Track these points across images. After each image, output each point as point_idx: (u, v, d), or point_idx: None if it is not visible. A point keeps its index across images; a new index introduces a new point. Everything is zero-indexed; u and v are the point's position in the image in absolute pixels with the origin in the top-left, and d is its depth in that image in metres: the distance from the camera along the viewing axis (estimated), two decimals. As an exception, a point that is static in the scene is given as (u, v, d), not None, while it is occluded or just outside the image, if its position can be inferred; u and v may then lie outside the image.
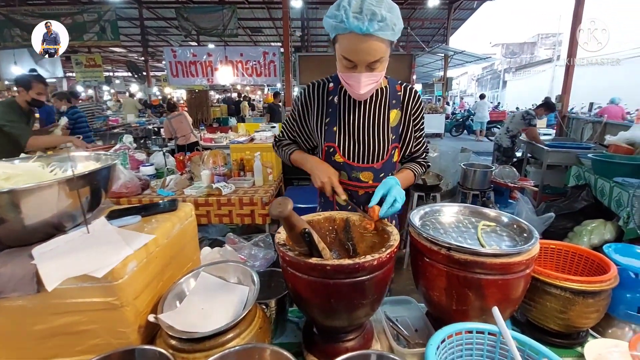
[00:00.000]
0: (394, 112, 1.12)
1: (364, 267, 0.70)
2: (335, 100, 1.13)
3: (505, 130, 4.77)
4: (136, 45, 13.89)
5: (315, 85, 1.17)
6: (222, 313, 0.73)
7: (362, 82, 0.94)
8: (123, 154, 2.82)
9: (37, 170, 0.78)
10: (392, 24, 0.87)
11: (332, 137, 1.12)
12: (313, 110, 1.17)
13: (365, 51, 0.89)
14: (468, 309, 0.79)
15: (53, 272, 0.64)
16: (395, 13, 0.88)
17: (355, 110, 1.12)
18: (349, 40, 0.89)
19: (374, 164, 1.13)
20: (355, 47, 0.89)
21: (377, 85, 1.00)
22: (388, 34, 0.87)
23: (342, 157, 1.12)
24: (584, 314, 0.82)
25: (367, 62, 0.91)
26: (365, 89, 0.96)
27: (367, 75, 0.94)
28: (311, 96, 1.17)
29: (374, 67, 0.94)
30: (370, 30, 0.84)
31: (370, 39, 0.87)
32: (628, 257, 0.94)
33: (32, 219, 0.68)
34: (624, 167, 2.92)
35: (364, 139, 1.11)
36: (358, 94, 0.98)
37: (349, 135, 1.12)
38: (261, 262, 1.25)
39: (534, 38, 27.27)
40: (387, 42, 0.90)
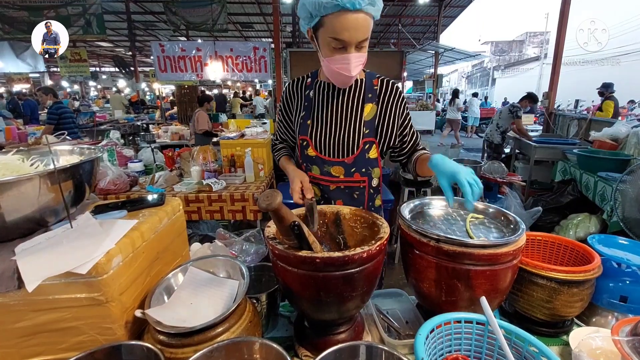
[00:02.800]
0: (369, 105, 1.09)
1: (354, 259, 0.70)
2: (310, 95, 1.13)
3: (496, 126, 4.84)
4: (123, 40, 13.59)
5: (295, 81, 1.18)
6: (211, 307, 0.72)
7: (352, 62, 0.93)
8: (110, 150, 2.76)
9: (16, 164, 0.76)
10: (379, 0, 0.87)
11: (306, 131, 1.12)
12: (293, 105, 1.18)
13: (356, 28, 0.88)
14: (457, 300, 0.80)
15: (33, 271, 0.62)
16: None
17: (329, 103, 1.11)
18: (339, 19, 0.87)
19: (344, 158, 1.10)
20: (346, 25, 0.87)
21: (362, 64, 0.98)
22: (374, 9, 0.88)
23: (314, 150, 1.12)
24: (568, 303, 0.84)
25: (357, 40, 0.90)
26: (356, 70, 0.95)
27: (357, 55, 0.93)
28: (291, 92, 1.18)
29: (361, 46, 0.93)
30: (363, 5, 0.84)
31: (360, 15, 0.87)
32: (611, 248, 0.97)
33: (12, 213, 0.66)
34: (608, 162, 2.99)
35: (335, 132, 1.09)
36: (349, 75, 0.95)
37: (321, 129, 1.10)
38: (252, 257, 1.25)
39: (523, 36, 27.61)
40: (372, 20, 0.90)
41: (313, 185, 1.16)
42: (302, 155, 1.15)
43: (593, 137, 3.69)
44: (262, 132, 3.28)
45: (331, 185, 1.13)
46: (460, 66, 27.00)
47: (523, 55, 26.01)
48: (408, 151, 1.17)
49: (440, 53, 10.50)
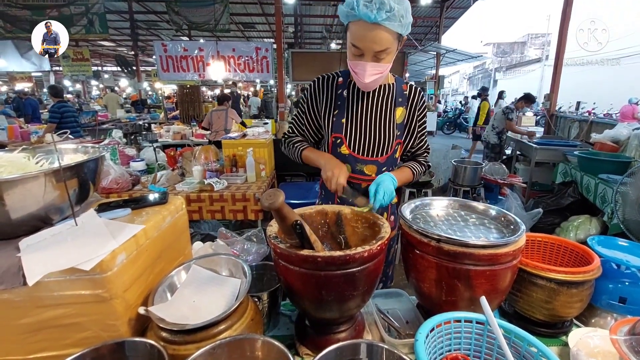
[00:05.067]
0: (400, 109, 1.15)
1: (355, 258, 0.71)
2: (344, 94, 1.16)
3: (491, 127, 4.92)
4: (126, 39, 13.63)
5: (324, 78, 1.20)
6: (214, 305, 0.73)
7: (367, 70, 0.97)
8: (113, 149, 2.78)
9: (22, 162, 0.77)
10: (400, 16, 0.90)
11: (340, 129, 1.15)
12: (321, 101, 1.19)
13: (372, 39, 0.92)
14: (457, 300, 0.80)
15: (36, 265, 0.63)
16: (404, 6, 0.91)
17: (363, 104, 1.15)
18: (358, 28, 0.93)
19: (378, 157, 1.15)
20: (363, 35, 0.93)
21: (382, 77, 1.02)
22: (395, 25, 0.90)
23: (347, 148, 1.15)
24: (568, 303, 0.84)
25: (373, 50, 0.94)
26: (370, 79, 0.99)
27: (373, 65, 0.97)
28: (320, 88, 1.19)
29: (380, 58, 0.97)
30: (378, 19, 0.88)
31: (377, 28, 0.90)
32: (610, 249, 0.97)
33: (18, 211, 0.67)
34: (609, 165, 2.99)
35: (370, 132, 1.14)
36: (363, 82, 1.01)
37: (356, 128, 1.14)
38: (254, 257, 1.25)
39: (524, 38, 27.61)
40: (394, 34, 0.93)
41: None
42: (334, 153, 1.17)
43: (594, 139, 3.69)
44: (264, 132, 3.29)
45: (362, 183, 1.16)
46: (462, 67, 26.99)
47: (524, 57, 26.00)
48: (410, 156, 1.26)
49: (442, 54, 10.51)
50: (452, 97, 26.62)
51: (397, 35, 0.96)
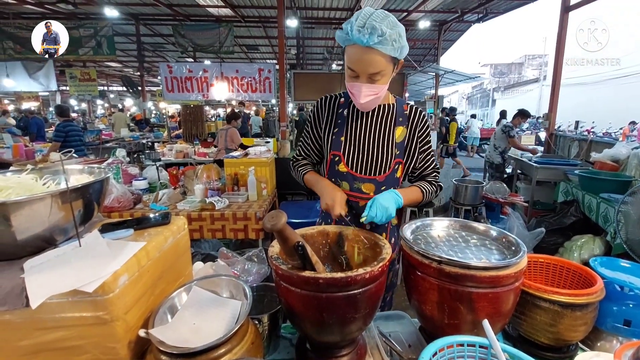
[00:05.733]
0: (400, 128, 1.17)
1: (356, 280, 0.71)
2: (344, 113, 1.19)
3: (493, 147, 4.91)
4: (132, 61, 13.99)
5: (327, 98, 1.25)
6: (214, 328, 0.72)
7: (362, 91, 1.02)
8: (116, 168, 2.81)
9: (29, 183, 0.78)
10: (392, 40, 0.94)
11: (338, 146, 1.18)
12: (323, 121, 1.24)
13: (366, 62, 0.97)
14: (460, 323, 0.79)
15: (39, 288, 0.63)
16: (396, 30, 0.95)
17: (363, 123, 1.18)
18: (353, 51, 0.98)
19: (376, 176, 1.16)
20: (357, 58, 0.98)
21: (379, 98, 1.07)
22: (388, 48, 0.94)
23: (345, 166, 1.17)
24: (572, 327, 0.83)
25: (367, 72, 0.99)
26: (366, 99, 1.03)
27: (368, 86, 1.01)
28: (323, 107, 1.24)
29: (374, 79, 1.01)
30: (370, 43, 0.92)
31: (371, 52, 0.95)
32: (614, 271, 0.97)
33: (24, 232, 0.68)
34: (610, 184, 3.00)
35: (368, 150, 1.16)
36: (359, 102, 1.05)
37: (355, 146, 1.17)
38: (254, 277, 1.24)
39: (522, 59, 28.22)
40: (387, 57, 0.97)
41: None
42: (332, 171, 1.20)
43: (594, 158, 3.71)
44: (266, 152, 3.33)
45: (360, 201, 1.17)
46: (461, 87, 27.47)
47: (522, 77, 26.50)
48: (417, 176, 1.26)
49: (441, 75, 10.72)
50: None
51: (391, 59, 0.99)
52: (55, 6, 7.94)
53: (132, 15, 9.14)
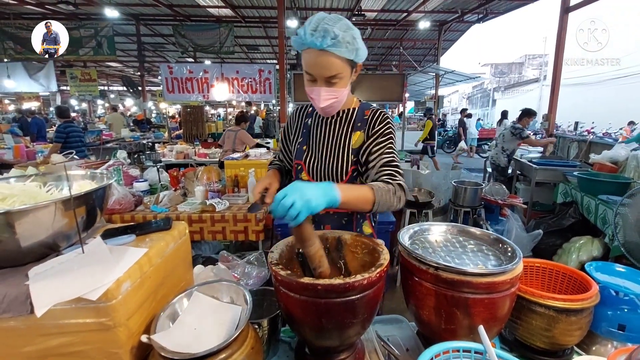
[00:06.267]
0: (357, 133, 1.13)
1: (354, 286, 0.72)
2: (309, 122, 1.22)
3: (501, 149, 4.76)
4: (132, 61, 14.01)
5: (298, 108, 1.29)
6: (215, 333, 0.74)
7: (321, 95, 1.02)
8: (117, 169, 2.82)
9: (33, 191, 0.79)
10: (346, 42, 0.94)
11: (301, 155, 1.20)
12: (293, 130, 1.28)
13: (321, 65, 0.97)
14: (457, 328, 0.81)
15: (44, 296, 0.64)
16: (350, 33, 0.96)
17: (324, 130, 1.18)
18: (308, 55, 0.98)
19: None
20: (313, 62, 0.98)
21: (339, 102, 1.06)
22: (342, 50, 0.95)
23: (307, 175, 1.18)
24: (567, 331, 0.84)
25: (324, 76, 0.99)
26: (325, 103, 1.03)
27: (327, 90, 1.01)
28: (294, 118, 1.28)
29: (332, 82, 1.01)
30: (324, 46, 0.93)
31: (325, 55, 0.95)
32: (609, 275, 0.98)
33: (28, 239, 0.69)
34: (608, 185, 3.01)
35: (326, 159, 1.15)
36: (319, 107, 1.05)
37: (314, 154, 1.17)
38: (254, 280, 1.26)
39: (522, 58, 28.22)
40: (343, 59, 0.97)
41: None
42: (297, 180, 1.19)
43: (593, 159, 3.72)
44: (266, 153, 3.34)
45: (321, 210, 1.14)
46: (461, 87, 27.47)
47: (522, 77, 26.49)
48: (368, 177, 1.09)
49: (441, 75, 10.74)
50: (452, 115, 26.96)
51: (348, 61, 0.99)
52: (56, 7, 7.95)
53: (133, 16, 9.16)
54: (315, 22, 0.94)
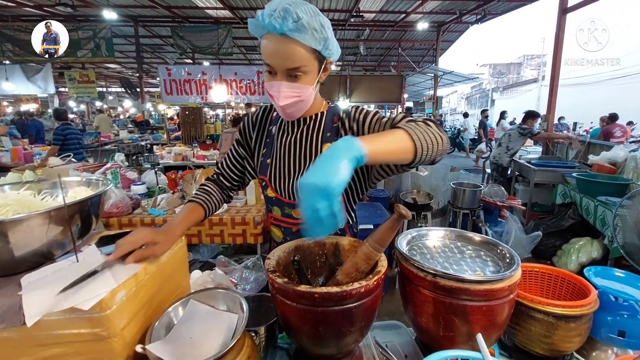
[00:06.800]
0: (327, 145, 0.98)
1: (352, 294, 0.71)
2: (273, 130, 1.07)
3: (505, 149, 4.73)
4: (131, 62, 13.99)
5: (261, 110, 1.12)
6: (211, 342, 0.73)
7: (281, 92, 0.87)
8: (114, 172, 2.81)
9: (27, 199, 0.79)
10: (312, 28, 0.81)
11: (265, 170, 1.06)
12: (253, 138, 1.10)
13: (282, 54, 0.83)
14: (455, 335, 0.80)
15: (35, 305, 0.63)
16: (317, 19, 0.83)
17: (288, 142, 1.03)
18: (267, 42, 0.84)
19: None
20: (272, 49, 0.84)
21: (302, 101, 0.91)
22: (307, 37, 0.81)
23: (273, 191, 1.05)
24: (566, 337, 0.84)
25: (285, 67, 0.85)
26: (286, 101, 0.88)
27: (288, 85, 0.87)
28: (254, 122, 1.10)
29: (294, 76, 0.87)
30: (284, 29, 0.79)
31: (287, 41, 0.81)
32: (608, 280, 0.97)
33: (22, 249, 0.69)
34: (607, 187, 3.01)
35: (294, 174, 1.01)
36: (279, 105, 0.90)
37: (281, 169, 1.03)
38: (252, 286, 1.25)
39: (520, 59, 28.29)
40: (308, 49, 0.84)
41: (275, 227, 1.10)
42: (263, 195, 1.10)
43: (591, 160, 3.73)
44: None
45: (293, 227, 1.05)
46: (460, 88, 27.52)
47: (521, 77, 26.57)
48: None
49: (439, 76, 10.75)
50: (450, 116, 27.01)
51: (314, 52, 0.85)
52: (54, 8, 7.94)
53: (131, 17, 9.15)
54: (275, 2, 0.81)
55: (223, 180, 1.15)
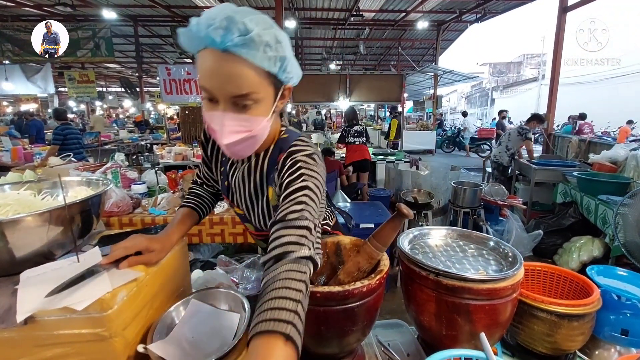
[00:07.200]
0: (271, 190, 0.85)
1: (354, 294, 0.71)
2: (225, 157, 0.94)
3: (505, 148, 4.74)
4: (130, 62, 13.99)
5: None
6: (212, 341, 0.73)
7: (225, 126, 0.67)
8: (115, 172, 2.80)
9: (27, 199, 0.78)
10: (264, 44, 0.62)
11: (225, 191, 0.95)
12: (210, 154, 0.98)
13: (224, 76, 0.63)
14: (458, 334, 0.80)
15: (28, 301, 0.63)
16: (272, 33, 0.64)
17: (237, 176, 0.89)
18: (204, 60, 0.64)
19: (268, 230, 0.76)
20: (210, 69, 0.63)
21: (253, 139, 0.71)
22: (257, 55, 0.62)
23: (239, 209, 0.96)
24: (569, 336, 0.83)
25: (228, 94, 0.65)
26: (232, 138, 0.68)
27: (234, 117, 0.67)
28: (207, 138, 0.96)
29: (243, 105, 0.66)
30: (228, 44, 0.60)
31: (231, 60, 0.62)
32: (610, 279, 0.97)
33: (22, 249, 0.68)
34: (608, 185, 3.01)
35: (252, 207, 0.90)
36: (222, 143, 0.69)
37: (240, 197, 0.92)
38: (253, 285, 1.25)
39: (520, 58, 28.26)
40: (260, 71, 0.64)
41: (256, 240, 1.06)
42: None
43: (592, 159, 3.72)
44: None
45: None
46: (460, 87, 27.49)
47: (521, 76, 26.54)
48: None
49: (439, 75, 10.75)
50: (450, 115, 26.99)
51: (267, 75, 0.66)
52: (54, 8, 7.93)
53: (131, 17, 9.14)
54: (217, 9, 0.62)
55: (206, 186, 1.07)
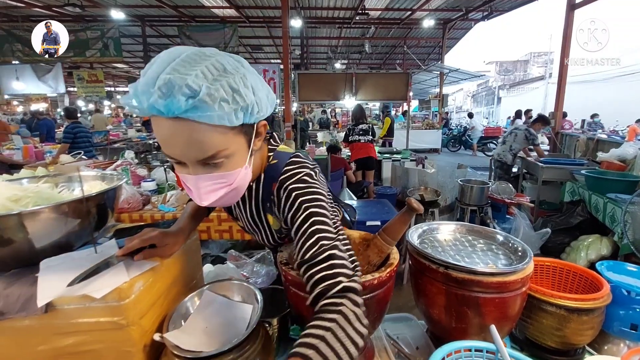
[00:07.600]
0: (270, 217, 0.83)
1: (364, 286, 0.72)
2: None
3: (509, 148, 4.71)
4: (138, 62, 14.12)
5: None
6: (226, 332, 0.74)
7: (201, 187, 0.62)
8: (125, 169, 2.85)
9: (46, 192, 0.81)
10: (220, 99, 0.53)
11: (230, 211, 0.94)
12: None
13: (182, 143, 0.57)
14: (467, 327, 0.81)
15: (48, 289, 0.65)
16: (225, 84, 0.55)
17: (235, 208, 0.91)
18: (156, 126, 0.57)
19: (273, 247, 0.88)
20: (165, 137, 0.57)
21: (235, 190, 0.66)
22: (214, 116, 0.54)
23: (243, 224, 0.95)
24: (579, 331, 0.83)
25: (193, 159, 0.59)
26: (210, 198, 0.64)
27: (208, 177, 0.62)
28: None
29: (214, 164, 0.61)
30: (176, 112, 0.52)
31: (186, 126, 0.54)
32: (620, 274, 0.97)
33: (42, 240, 0.70)
34: (617, 184, 2.97)
35: (254, 230, 0.91)
36: (201, 204, 0.65)
37: (240, 220, 0.94)
38: (263, 279, 1.26)
39: (527, 56, 27.93)
40: (222, 129, 0.57)
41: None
42: None
43: (600, 157, 3.68)
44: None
45: None
46: (466, 85, 27.28)
47: (528, 75, 26.22)
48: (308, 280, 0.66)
49: (445, 74, 10.68)
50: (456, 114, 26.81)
51: (232, 128, 0.59)
52: (63, 9, 8.04)
53: (138, 17, 9.23)
54: (155, 67, 0.53)
55: None
